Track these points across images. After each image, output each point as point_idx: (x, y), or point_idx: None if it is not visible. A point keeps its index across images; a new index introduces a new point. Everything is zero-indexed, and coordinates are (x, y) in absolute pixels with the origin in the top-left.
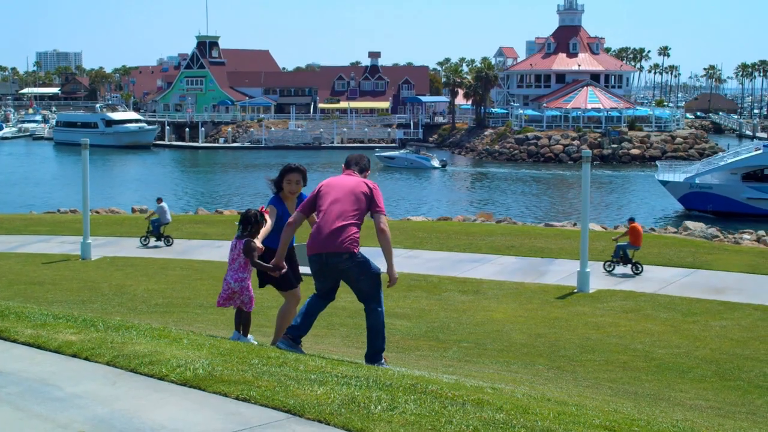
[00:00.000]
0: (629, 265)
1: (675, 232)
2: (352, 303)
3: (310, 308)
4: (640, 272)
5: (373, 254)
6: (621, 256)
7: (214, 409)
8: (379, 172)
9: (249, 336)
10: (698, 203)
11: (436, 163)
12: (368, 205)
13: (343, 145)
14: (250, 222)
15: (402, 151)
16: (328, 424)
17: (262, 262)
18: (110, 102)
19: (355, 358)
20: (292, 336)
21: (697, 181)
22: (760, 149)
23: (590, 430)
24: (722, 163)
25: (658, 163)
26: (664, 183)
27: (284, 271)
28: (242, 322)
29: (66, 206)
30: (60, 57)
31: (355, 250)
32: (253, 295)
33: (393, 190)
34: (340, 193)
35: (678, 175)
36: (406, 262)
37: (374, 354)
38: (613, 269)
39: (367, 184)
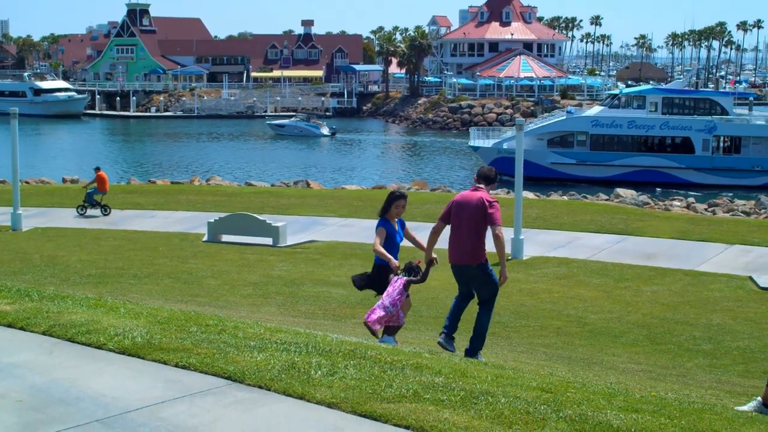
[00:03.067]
0: (99, 208)
1: (607, 200)
2: (288, 272)
3: (456, 308)
4: (108, 213)
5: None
6: (92, 202)
7: (153, 377)
8: (270, 140)
9: (392, 338)
10: (506, 168)
11: (325, 130)
12: (485, 217)
13: (277, 113)
14: (414, 272)
15: (292, 119)
16: (269, 390)
17: (424, 273)
18: (39, 71)
19: (292, 326)
20: (447, 333)
21: (504, 147)
22: (564, 116)
23: (527, 392)
24: (528, 128)
25: (470, 129)
26: (475, 149)
27: (435, 264)
28: (391, 329)
29: None
30: None
31: (483, 260)
32: (402, 315)
33: (284, 157)
34: (466, 212)
35: (487, 141)
36: (342, 231)
37: (473, 350)
38: (85, 212)
39: (484, 201)
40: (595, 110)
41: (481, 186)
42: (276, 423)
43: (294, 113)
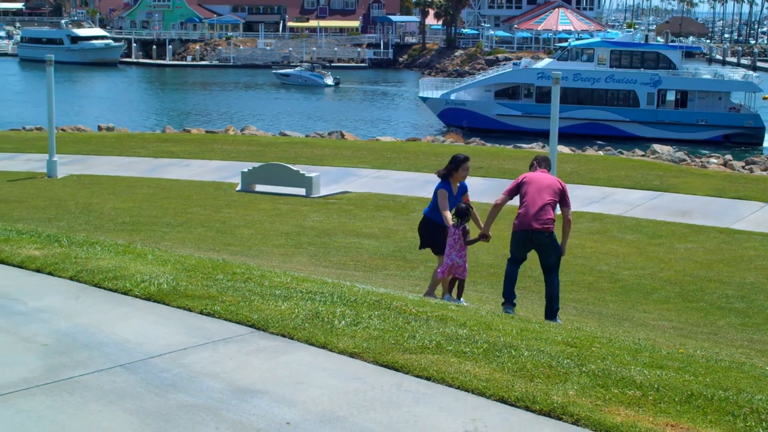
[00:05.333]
0: None
1: (643, 156)
2: (320, 223)
3: (509, 275)
4: None
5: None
6: None
7: (177, 324)
8: (275, 89)
9: (461, 299)
10: (454, 119)
11: (329, 80)
12: (560, 198)
13: (313, 62)
14: (465, 214)
15: (297, 68)
16: (292, 339)
17: (473, 239)
18: (76, 18)
19: (321, 276)
20: (509, 301)
21: (452, 98)
22: (510, 67)
23: (551, 346)
24: (475, 80)
25: (420, 80)
26: (424, 99)
27: (489, 239)
28: (458, 288)
29: (31, 124)
30: None
31: (553, 230)
32: (467, 267)
33: (288, 105)
34: (542, 186)
35: (435, 91)
36: (375, 183)
37: (552, 313)
38: None
39: (559, 183)
40: (543, 63)
41: (545, 170)
42: (297, 371)
43: (297, 64)
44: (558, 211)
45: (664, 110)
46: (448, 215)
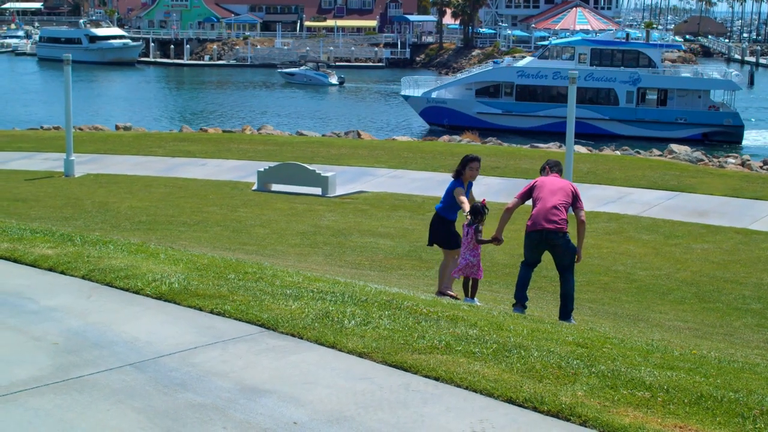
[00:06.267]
0: None
1: (660, 155)
2: (336, 222)
3: (523, 278)
4: None
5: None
6: None
7: (188, 323)
8: (279, 88)
9: (475, 299)
10: (435, 117)
11: (334, 80)
12: (573, 201)
13: (330, 63)
14: (480, 213)
15: (302, 67)
16: (301, 338)
17: (484, 239)
18: (94, 18)
19: (336, 276)
20: (520, 303)
21: (433, 96)
22: (491, 66)
23: (562, 347)
24: (456, 78)
25: (402, 78)
26: (406, 98)
27: (501, 243)
28: (471, 288)
29: (49, 123)
30: None
31: (566, 230)
32: (482, 267)
33: (288, 104)
34: (554, 188)
35: (417, 90)
36: (391, 182)
37: (566, 313)
38: None
39: (572, 186)
40: (524, 61)
41: (556, 174)
42: (306, 371)
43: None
44: (572, 213)
45: (643, 108)
46: (466, 206)
